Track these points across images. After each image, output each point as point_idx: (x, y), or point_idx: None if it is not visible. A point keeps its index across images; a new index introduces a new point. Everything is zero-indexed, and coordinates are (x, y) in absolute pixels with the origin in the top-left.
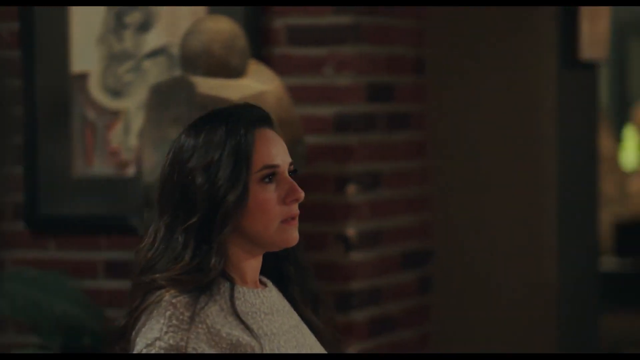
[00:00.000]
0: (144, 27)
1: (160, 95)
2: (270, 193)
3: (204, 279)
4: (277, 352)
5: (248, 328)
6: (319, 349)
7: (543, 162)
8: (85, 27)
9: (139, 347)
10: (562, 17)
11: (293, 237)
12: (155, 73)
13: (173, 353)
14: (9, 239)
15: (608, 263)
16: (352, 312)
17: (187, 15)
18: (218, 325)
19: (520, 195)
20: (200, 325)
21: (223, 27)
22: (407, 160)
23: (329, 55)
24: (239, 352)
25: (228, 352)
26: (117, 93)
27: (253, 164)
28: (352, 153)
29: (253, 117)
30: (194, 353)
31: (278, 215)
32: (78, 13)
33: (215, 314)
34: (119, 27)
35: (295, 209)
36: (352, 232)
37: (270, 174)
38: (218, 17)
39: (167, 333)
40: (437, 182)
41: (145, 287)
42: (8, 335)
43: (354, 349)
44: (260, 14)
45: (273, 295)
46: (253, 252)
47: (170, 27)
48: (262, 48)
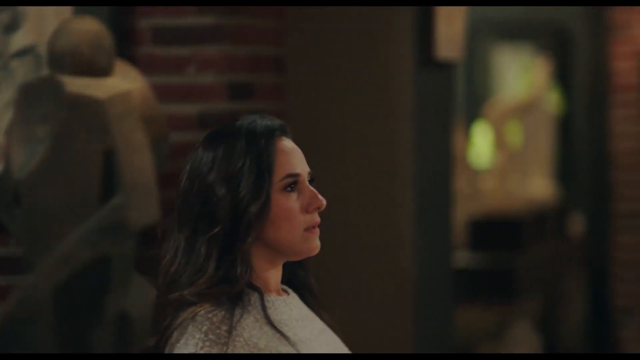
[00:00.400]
0: (11, 27)
1: (29, 94)
2: (293, 202)
3: (233, 290)
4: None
5: (284, 336)
6: (345, 351)
7: (400, 160)
8: None
9: None
10: (418, 17)
11: (316, 245)
12: (23, 72)
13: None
14: None
15: (461, 259)
16: None
17: (53, 16)
18: (255, 338)
19: (378, 194)
20: (238, 339)
21: (89, 27)
22: None
23: (192, 55)
24: None
25: (266, 353)
26: None
27: (275, 174)
28: None
29: (271, 127)
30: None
31: (302, 224)
32: None
33: (251, 326)
34: None
35: (317, 217)
36: None
37: (292, 183)
38: (84, 17)
39: (203, 348)
40: None
41: (175, 303)
42: None
43: None
44: (125, 15)
45: (297, 302)
46: (275, 261)
47: (37, 27)
48: (127, 48)
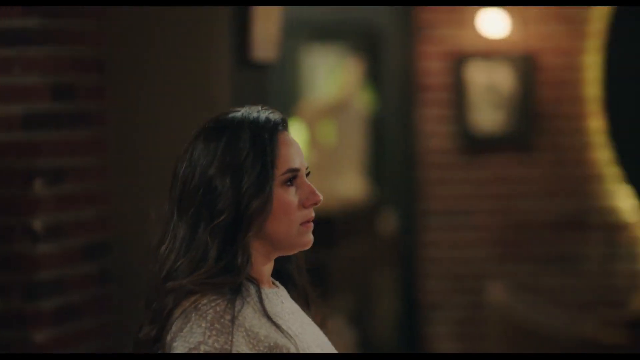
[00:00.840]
0: None
1: None
2: (292, 196)
3: (235, 281)
4: (307, 351)
5: (280, 329)
6: (330, 345)
7: None
8: None
9: (181, 350)
10: (235, 17)
11: (310, 239)
12: None
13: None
14: None
15: None
16: (38, 301)
17: None
18: (255, 328)
19: None
20: (240, 328)
21: None
22: (89, 157)
23: (18, 56)
24: (276, 352)
25: (266, 353)
26: None
27: (277, 168)
28: (38, 149)
29: (274, 121)
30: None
31: (299, 218)
32: None
33: (251, 317)
34: None
35: (313, 212)
36: (38, 224)
37: (292, 177)
38: None
39: (210, 337)
40: (115, 178)
41: (175, 292)
42: None
43: (41, 337)
44: None
45: (287, 295)
46: (270, 255)
47: None
48: None
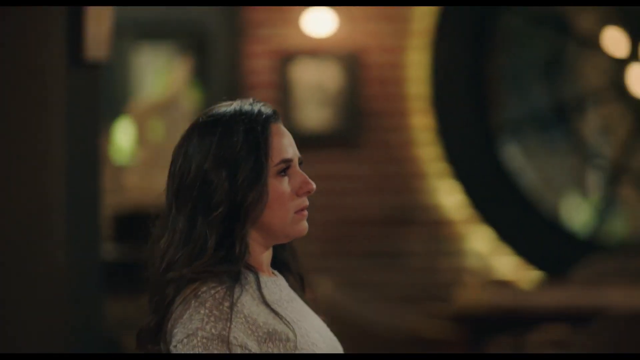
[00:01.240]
0: None
1: None
2: (286, 186)
3: (233, 269)
4: (306, 337)
5: (279, 316)
6: (328, 331)
7: (52, 158)
8: None
9: (179, 336)
10: (69, 17)
11: (305, 227)
12: None
13: (215, 342)
14: None
15: (108, 252)
16: None
17: None
18: (254, 315)
19: (29, 192)
20: (239, 315)
21: None
22: None
23: None
24: (275, 339)
25: (265, 339)
26: None
27: (271, 159)
28: None
29: (266, 113)
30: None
31: (293, 207)
32: None
33: (250, 304)
34: None
35: (306, 201)
36: None
37: (286, 168)
38: None
39: (208, 323)
40: None
41: (175, 282)
42: None
43: None
44: None
45: (285, 284)
46: (267, 243)
47: None
48: None
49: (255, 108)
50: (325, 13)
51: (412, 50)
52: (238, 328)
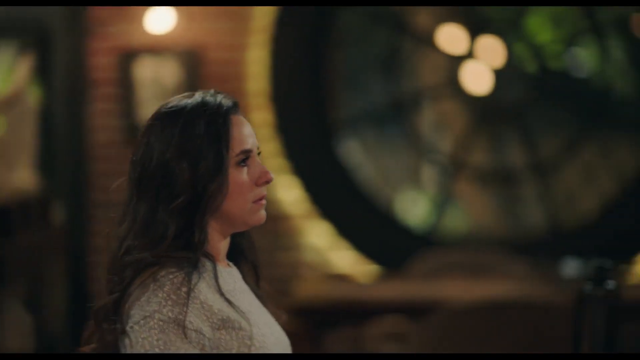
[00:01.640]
0: None
1: None
2: (245, 176)
3: (193, 256)
4: (256, 327)
5: (232, 305)
6: (278, 326)
7: None
8: None
9: (136, 318)
10: None
11: (263, 216)
12: None
13: (171, 327)
14: None
15: None
16: None
17: None
18: (210, 302)
19: None
20: (195, 301)
21: None
22: None
23: None
24: (229, 327)
25: (218, 326)
26: None
27: (232, 150)
28: None
29: (227, 105)
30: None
31: (252, 197)
32: None
33: (206, 291)
34: None
35: (264, 190)
36: None
37: (245, 158)
38: None
39: (165, 306)
40: None
41: (134, 265)
42: None
43: None
44: None
45: (238, 275)
46: (225, 232)
47: None
48: None
49: (217, 99)
50: (167, 11)
51: (252, 48)
52: (194, 313)
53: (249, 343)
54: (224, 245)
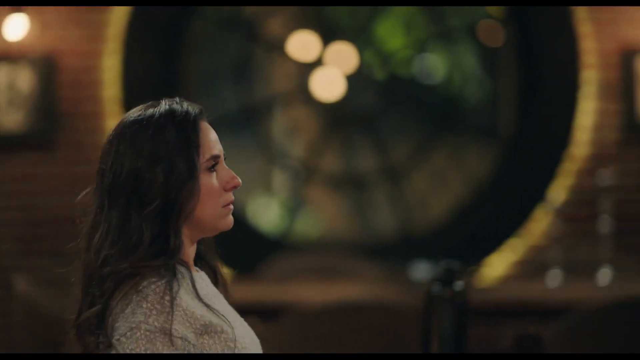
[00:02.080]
0: None
1: None
2: (214, 181)
3: (170, 262)
4: (236, 329)
5: (212, 309)
6: (248, 326)
7: None
8: None
9: (122, 330)
10: None
11: (231, 220)
12: None
13: (160, 336)
14: None
15: None
16: None
17: None
18: (192, 308)
19: None
20: (178, 308)
21: None
22: None
23: None
24: (211, 331)
25: (201, 332)
26: None
27: (202, 156)
28: None
29: (194, 112)
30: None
31: (221, 202)
32: None
33: (186, 297)
34: None
35: (232, 195)
36: None
37: (214, 164)
38: None
39: (150, 316)
40: None
41: (113, 276)
42: None
43: None
44: None
45: (208, 279)
46: (194, 238)
47: None
48: None
49: (184, 107)
50: (21, 18)
51: (106, 55)
52: (178, 321)
53: (232, 346)
54: (192, 251)
